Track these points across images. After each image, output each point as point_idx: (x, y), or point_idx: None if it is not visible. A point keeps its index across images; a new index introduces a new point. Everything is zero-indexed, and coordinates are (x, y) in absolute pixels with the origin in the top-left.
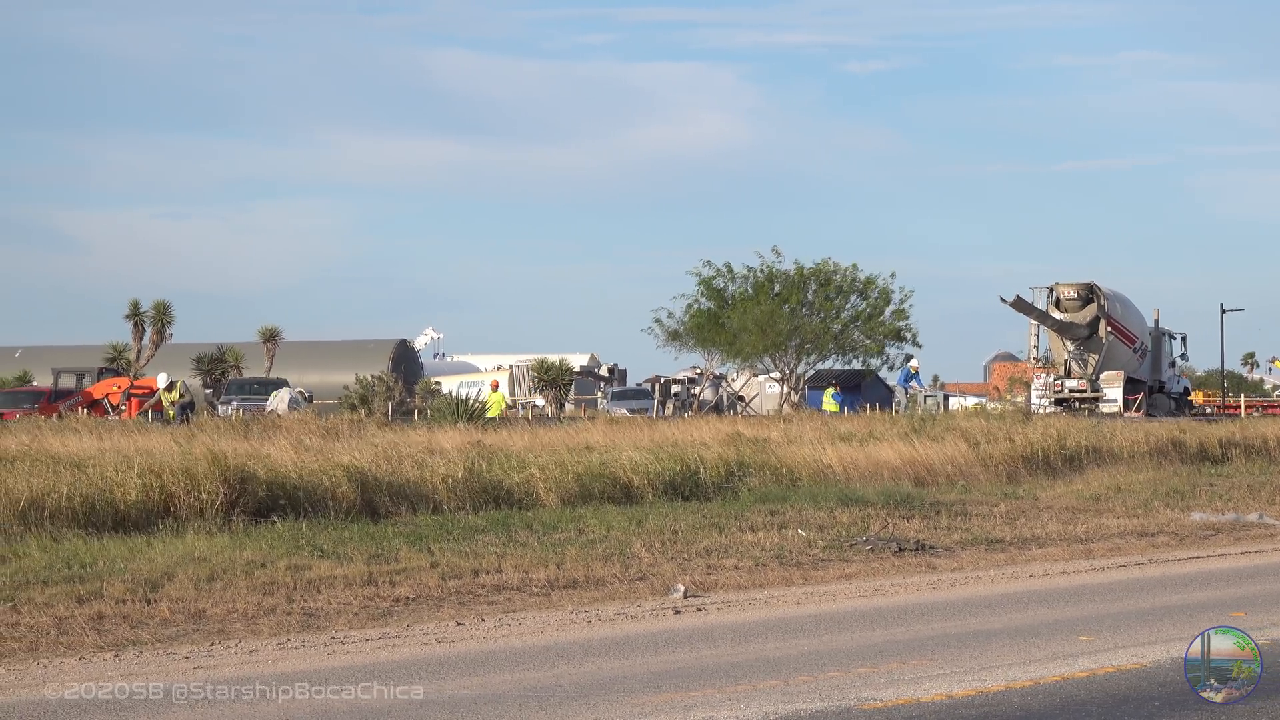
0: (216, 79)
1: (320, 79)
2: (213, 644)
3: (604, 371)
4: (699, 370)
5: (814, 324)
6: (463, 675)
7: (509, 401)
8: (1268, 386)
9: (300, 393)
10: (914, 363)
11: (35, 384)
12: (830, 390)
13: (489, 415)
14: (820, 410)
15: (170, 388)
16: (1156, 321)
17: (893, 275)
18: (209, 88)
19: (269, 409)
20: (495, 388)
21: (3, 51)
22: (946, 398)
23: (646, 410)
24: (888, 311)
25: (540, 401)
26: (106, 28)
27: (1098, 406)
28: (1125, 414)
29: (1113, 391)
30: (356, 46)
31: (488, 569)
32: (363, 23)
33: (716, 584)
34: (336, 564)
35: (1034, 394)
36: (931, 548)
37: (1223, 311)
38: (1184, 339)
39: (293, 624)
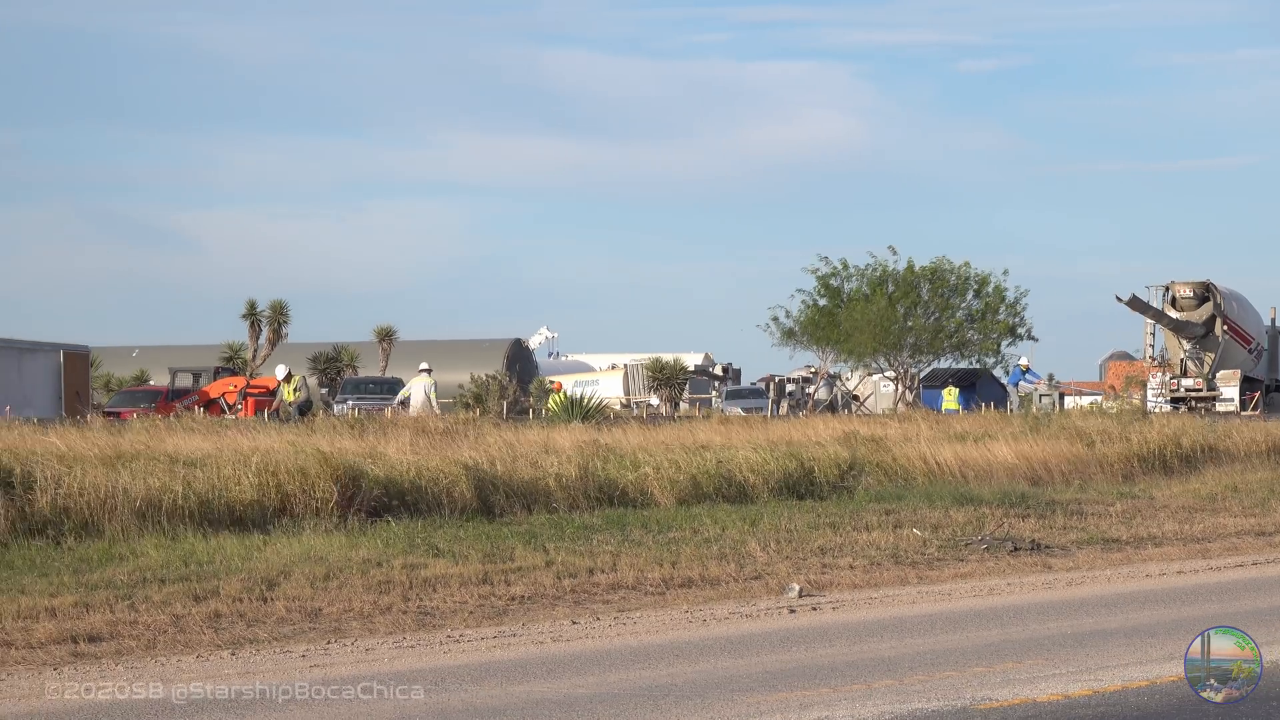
0: (334, 80)
1: (437, 79)
2: (329, 642)
3: (718, 370)
4: (813, 369)
5: (928, 323)
6: (578, 674)
7: (624, 401)
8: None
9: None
10: (1023, 360)
11: (152, 383)
12: (955, 391)
13: (551, 413)
14: (938, 409)
15: (289, 379)
16: (1274, 320)
17: (1005, 273)
18: (326, 88)
19: (398, 400)
20: (559, 389)
21: (123, 53)
22: (1062, 396)
23: (761, 409)
24: (1002, 310)
25: (655, 400)
26: (225, 29)
27: (1213, 405)
28: (1241, 413)
29: (1229, 390)
30: (473, 47)
31: (603, 568)
32: (479, 23)
33: (831, 583)
34: (452, 563)
35: (1149, 393)
36: (1047, 547)
37: None
38: None
39: (408, 623)
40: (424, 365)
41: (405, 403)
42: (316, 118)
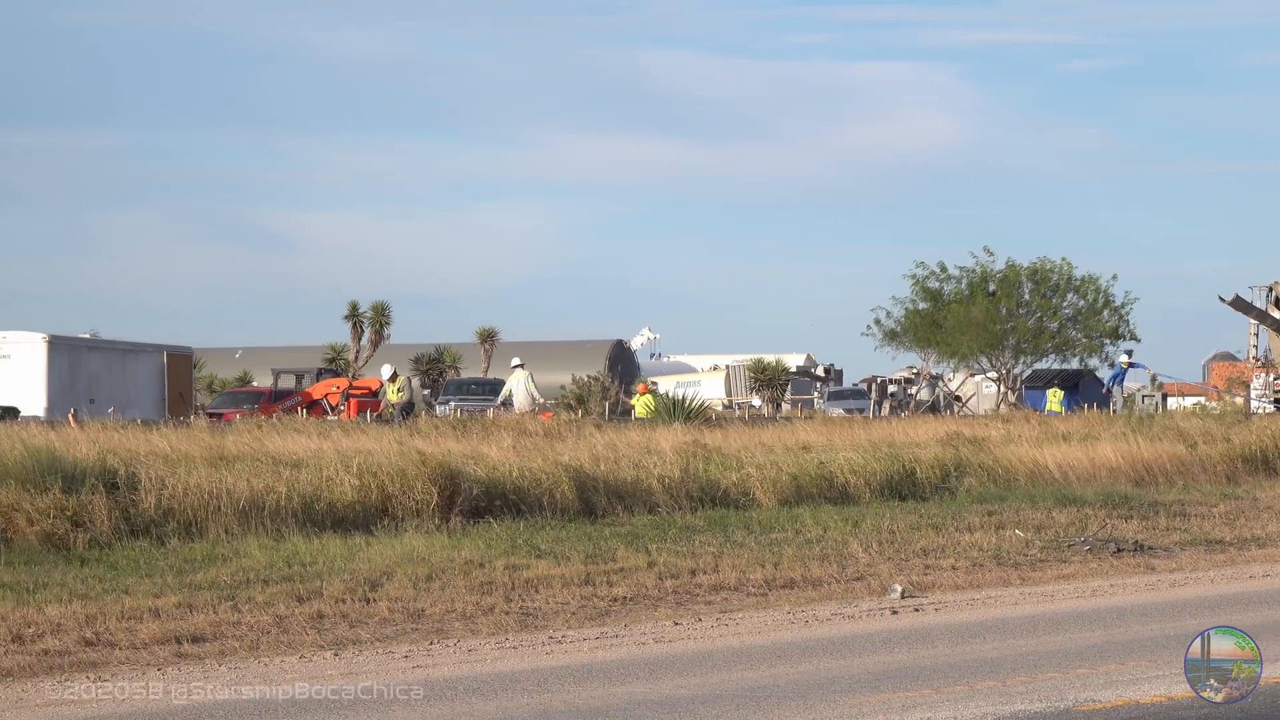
0: (438, 81)
1: (540, 80)
2: (431, 643)
3: (820, 371)
4: (915, 370)
5: (1030, 323)
6: (680, 675)
7: (725, 402)
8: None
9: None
10: (1123, 358)
11: (255, 384)
12: (1059, 392)
13: (636, 416)
14: (1041, 410)
15: (393, 378)
16: None
17: (1114, 278)
18: (431, 90)
19: (500, 400)
20: (643, 391)
21: (227, 55)
22: (1164, 397)
23: (863, 410)
24: (1105, 312)
25: (757, 401)
26: (330, 31)
27: None
28: None
29: None
30: (576, 48)
31: (705, 569)
32: (583, 24)
33: (933, 584)
34: (554, 564)
35: (1253, 394)
36: (1150, 548)
37: None
38: None
39: (511, 623)
40: (517, 360)
41: (507, 402)
42: (421, 119)
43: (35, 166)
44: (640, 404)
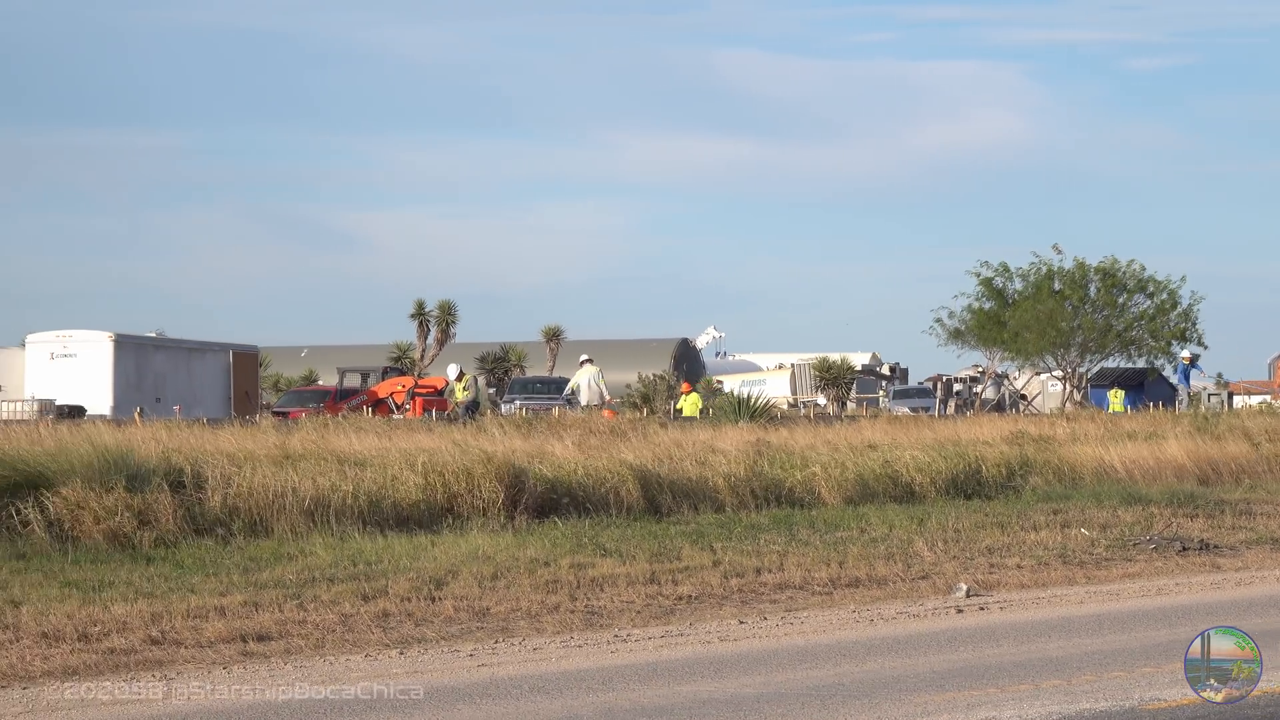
0: (505, 80)
1: (607, 80)
2: (497, 642)
3: (885, 370)
4: (981, 369)
5: (1096, 322)
6: (745, 673)
7: (790, 400)
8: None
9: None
10: (1185, 354)
11: (321, 383)
12: (1120, 393)
13: (684, 415)
14: (1105, 409)
15: (460, 377)
16: None
17: (1183, 279)
18: (498, 89)
19: (566, 394)
20: (686, 390)
21: (295, 54)
22: (1230, 396)
23: (928, 409)
24: (1172, 315)
25: (822, 400)
26: (396, 30)
27: None
28: None
29: None
30: (643, 47)
31: (770, 567)
32: (648, 23)
33: (999, 583)
34: (619, 562)
35: None
36: (1215, 547)
37: None
38: None
39: (576, 622)
40: (585, 356)
41: (572, 399)
42: (488, 118)
43: (102, 166)
44: (687, 404)
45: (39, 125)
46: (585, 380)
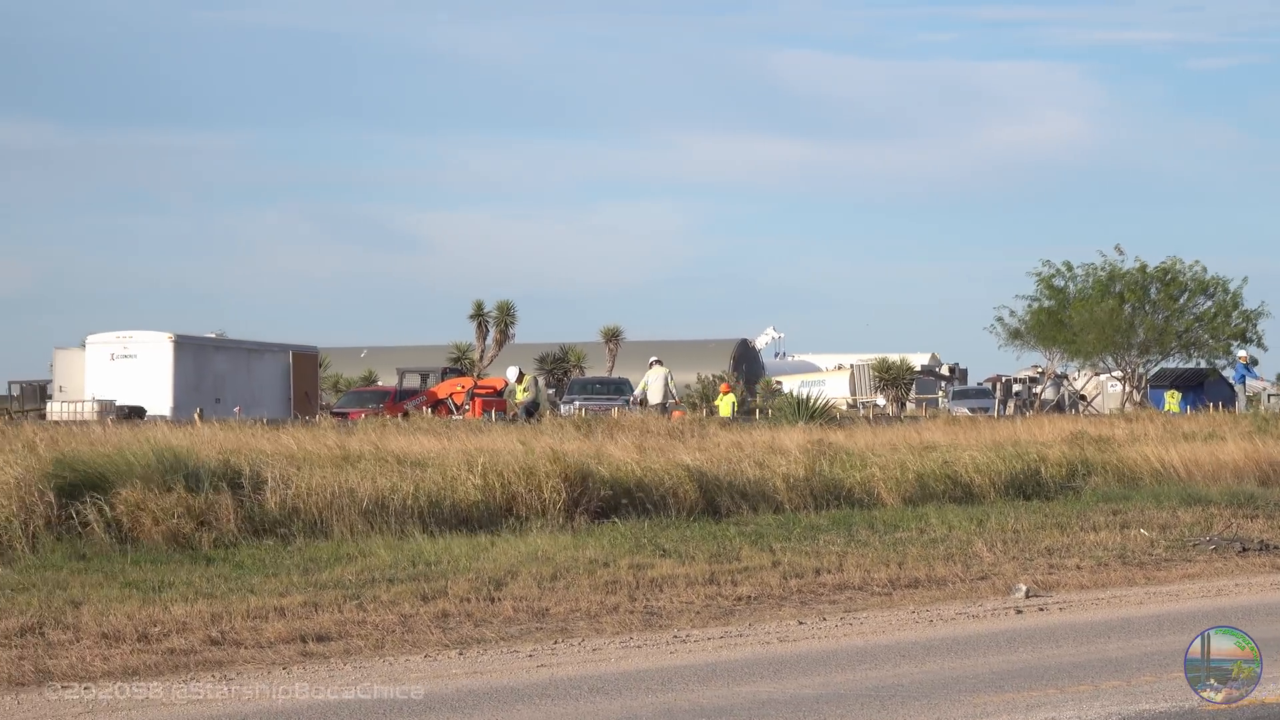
0: (566, 80)
1: (669, 80)
2: (556, 642)
3: (945, 371)
4: (1040, 369)
5: (1157, 323)
6: (804, 674)
7: (850, 401)
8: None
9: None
10: (1242, 353)
11: (380, 384)
12: (1177, 394)
13: (721, 415)
14: (1161, 409)
15: (520, 378)
16: None
17: (1245, 281)
18: (558, 89)
19: (637, 395)
20: (725, 390)
21: (357, 55)
22: None
23: (988, 409)
24: (1236, 316)
25: (881, 400)
26: (459, 30)
27: None
28: None
29: None
30: (706, 47)
31: (829, 568)
32: (711, 23)
33: (1058, 584)
34: (678, 563)
35: None
36: (1275, 547)
37: None
38: None
39: (635, 622)
40: (655, 358)
41: (643, 399)
42: (549, 118)
43: (164, 167)
44: (723, 403)
45: (101, 126)
46: (657, 379)
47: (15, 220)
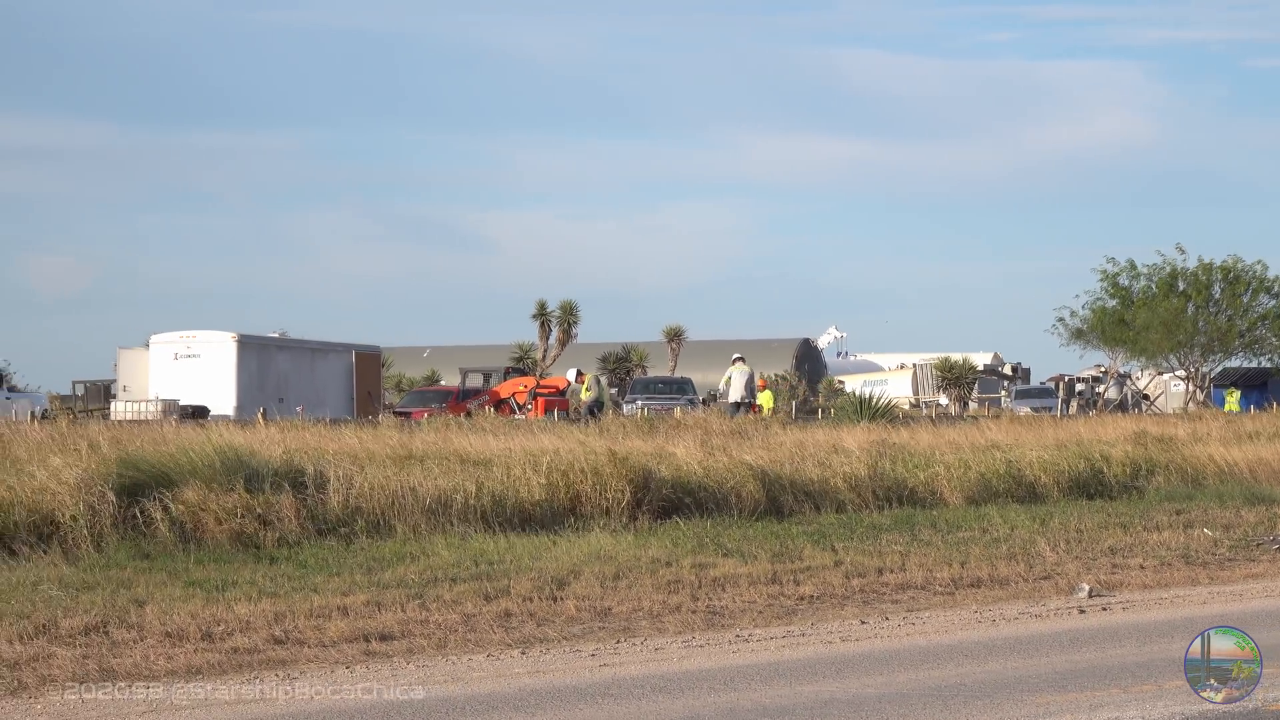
0: (627, 81)
1: (729, 79)
2: (618, 641)
3: (1007, 370)
4: (1103, 368)
5: (1220, 322)
6: (867, 674)
7: (912, 400)
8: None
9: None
10: None
11: (443, 383)
12: (1236, 393)
13: (764, 414)
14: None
15: (580, 378)
16: None
17: None
18: (619, 89)
19: (721, 389)
20: (764, 387)
21: (420, 56)
22: None
23: (1050, 408)
24: None
25: (944, 400)
26: (521, 31)
27: None
28: None
29: None
30: (765, 47)
31: (891, 567)
32: (772, 23)
33: (1121, 583)
34: (741, 562)
35: None
36: None
37: None
38: None
39: (697, 622)
40: (737, 355)
41: (722, 394)
42: (610, 119)
43: (227, 167)
44: (764, 399)
45: (164, 126)
46: (740, 377)
47: (79, 220)
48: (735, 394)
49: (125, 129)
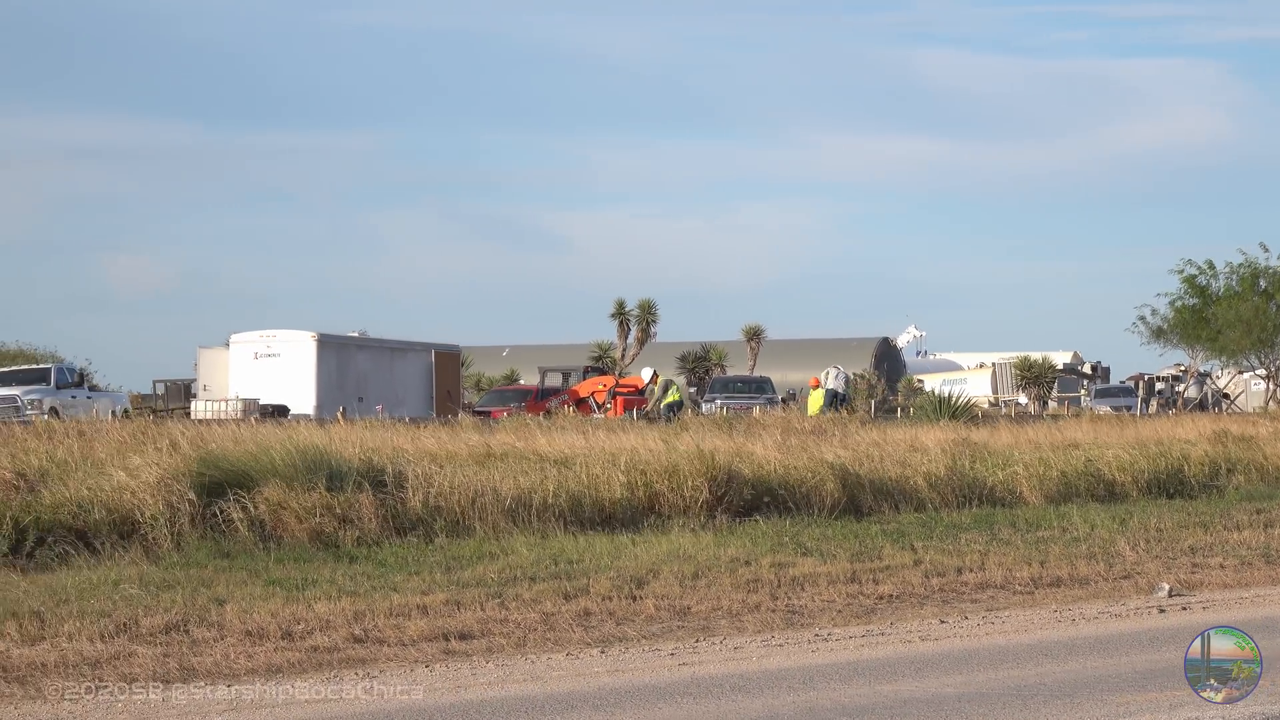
0: (705, 80)
1: (807, 79)
2: (697, 641)
3: (1086, 369)
4: (1183, 367)
5: None
6: (946, 673)
7: (991, 399)
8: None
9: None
10: None
11: (522, 382)
12: None
13: (810, 414)
14: None
15: (654, 379)
16: None
17: None
18: (698, 89)
19: (831, 384)
20: (815, 385)
21: (499, 55)
22: None
23: (1130, 407)
24: None
25: (1023, 399)
26: (599, 31)
27: None
28: None
29: None
30: (843, 46)
31: (971, 566)
32: (849, 22)
33: (1201, 583)
34: (820, 561)
35: None
36: None
37: None
38: None
39: (776, 621)
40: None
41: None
42: (687, 118)
43: (307, 167)
44: (813, 400)
45: (244, 126)
46: (839, 378)
47: (160, 220)
48: (835, 385)
49: (206, 129)
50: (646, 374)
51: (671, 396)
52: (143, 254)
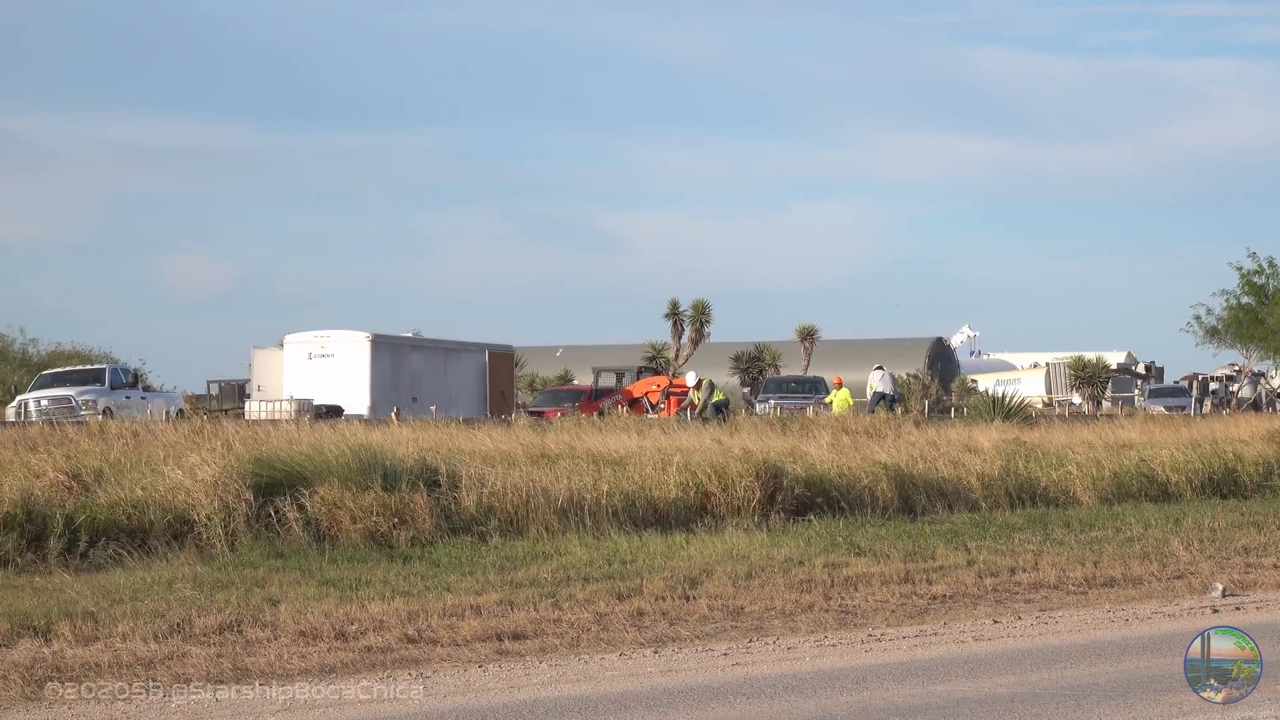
0: (760, 80)
1: (862, 79)
2: (750, 641)
3: (1140, 369)
4: (1237, 367)
5: None
6: (999, 673)
7: (1045, 399)
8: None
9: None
10: None
11: (576, 383)
12: None
13: (835, 413)
14: None
15: (698, 385)
16: None
17: None
18: (753, 89)
19: (878, 386)
20: (839, 385)
21: (555, 56)
22: None
23: (1184, 408)
24: None
25: (1077, 399)
26: (655, 31)
27: None
28: None
29: None
30: (899, 46)
31: (1024, 567)
32: (905, 22)
33: (1255, 583)
34: (873, 561)
35: None
36: None
37: None
38: None
39: (829, 621)
40: (878, 364)
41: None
42: (745, 118)
43: (362, 167)
44: (837, 399)
45: (298, 127)
46: (884, 380)
47: (214, 220)
48: (881, 387)
49: (262, 129)
50: (691, 379)
51: (717, 396)
52: (198, 255)
